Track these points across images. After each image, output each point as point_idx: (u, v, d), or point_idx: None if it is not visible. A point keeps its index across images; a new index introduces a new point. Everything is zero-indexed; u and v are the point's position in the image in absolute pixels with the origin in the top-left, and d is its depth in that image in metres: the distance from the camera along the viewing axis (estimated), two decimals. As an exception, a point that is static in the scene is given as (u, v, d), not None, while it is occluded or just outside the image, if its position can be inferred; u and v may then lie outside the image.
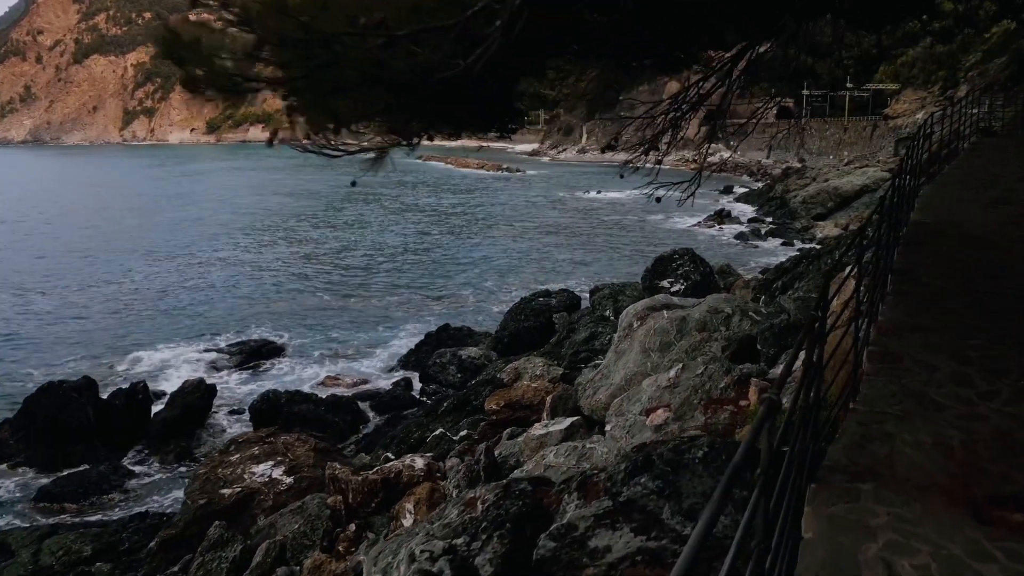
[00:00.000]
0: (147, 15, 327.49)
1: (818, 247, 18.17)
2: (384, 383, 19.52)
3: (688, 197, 6.15)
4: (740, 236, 41.29)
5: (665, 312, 9.15)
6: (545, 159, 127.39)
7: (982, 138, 13.99)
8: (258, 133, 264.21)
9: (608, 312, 16.37)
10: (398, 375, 19.87)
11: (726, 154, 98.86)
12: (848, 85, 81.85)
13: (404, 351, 21.75)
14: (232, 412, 17.75)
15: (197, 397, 16.50)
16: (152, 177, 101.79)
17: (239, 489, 9.72)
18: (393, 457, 10.20)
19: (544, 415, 9.35)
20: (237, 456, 10.48)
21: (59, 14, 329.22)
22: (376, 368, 21.09)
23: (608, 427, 6.89)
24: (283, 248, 40.56)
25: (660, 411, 6.32)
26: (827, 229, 42.21)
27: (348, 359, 22.12)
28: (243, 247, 40.61)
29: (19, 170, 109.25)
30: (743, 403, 6.03)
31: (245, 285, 31.29)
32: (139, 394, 16.23)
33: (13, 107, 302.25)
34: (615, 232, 45.24)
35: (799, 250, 37.49)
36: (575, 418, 8.46)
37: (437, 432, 11.18)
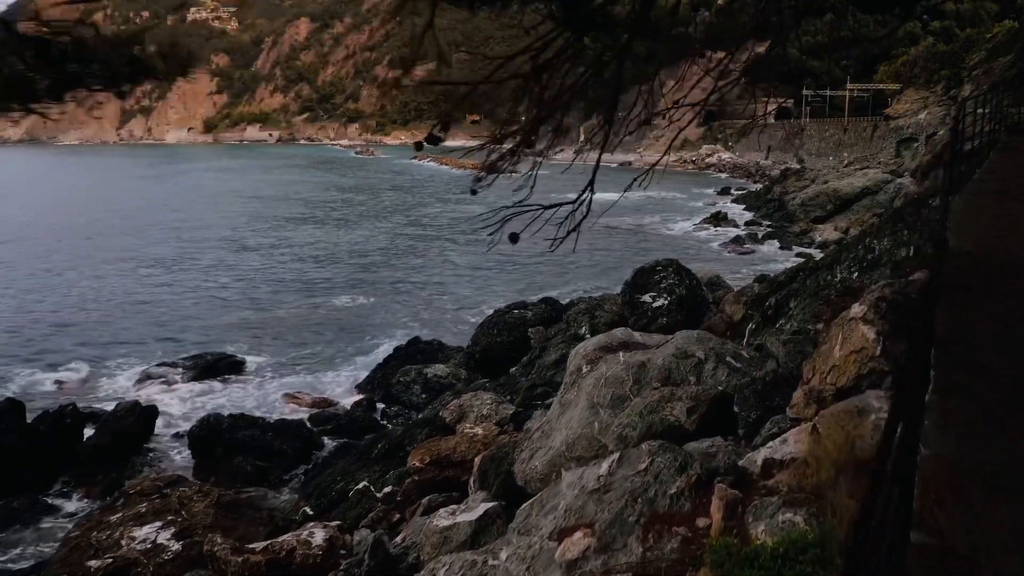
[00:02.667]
0: (145, 14, 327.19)
1: (816, 257, 16.73)
2: (346, 402, 18.06)
3: (629, 189, 4.80)
4: (736, 240, 39.80)
5: (621, 355, 7.51)
6: (542, 159, 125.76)
7: (1011, 136, 12.53)
8: (255, 132, 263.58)
9: (583, 330, 14.89)
10: (360, 394, 18.39)
11: (725, 155, 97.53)
12: (848, 85, 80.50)
13: (373, 366, 20.29)
14: (177, 436, 16.25)
15: (131, 421, 14.99)
16: (142, 177, 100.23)
17: (111, 560, 8.10)
18: (311, 512, 8.76)
19: (471, 483, 7.80)
20: (119, 515, 8.97)
21: (57, 13, 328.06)
22: (340, 385, 19.61)
23: (503, 555, 5.24)
24: (257, 254, 39.02)
25: (578, 535, 4.66)
26: (826, 232, 40.75)
27: (312, 374, 20.65)
28: (217, 252, 39.05)
29: (8, 172, 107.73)
30: (701, 522, 4.47)
31: (213, 293, 29.79)
32: (67, 418, 14.72)
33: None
34: (607, 236, 43.72)
35: (798, 255, 36.09)
36: (491, 505, 6.80)
37: (360, 486, 9.66)
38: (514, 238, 3.38)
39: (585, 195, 3.84)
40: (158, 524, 8.75)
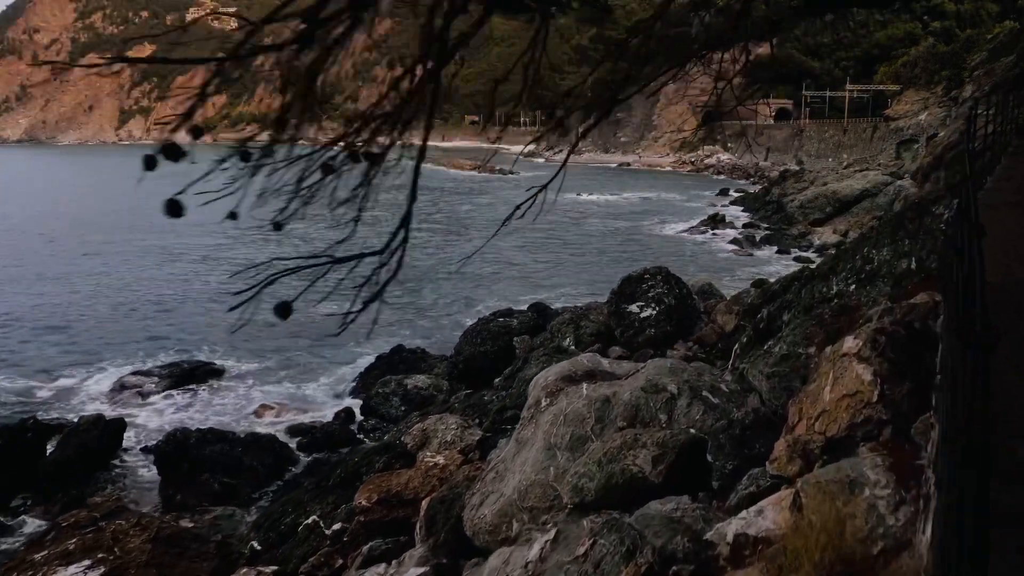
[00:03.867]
0: (144, 13, 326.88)
1: (813, 264, 16.10)
2: (325, 413, 17.40)
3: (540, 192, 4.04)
4: (734, 243, 39.15)
5: (584, 387, 6.76)
6: (540, 160, 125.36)
7: (1022, 140, 11.83)
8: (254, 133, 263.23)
9: (567, 341, 14.21)
10: (340, 404, 17.74)
11: (724, 156, 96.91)
12: (848, 86, 79.93)
13: (355, 374, 19.65)
14: (146, 450, 15.57)
15: (96, 435, 14.33)
16: (133, 178, 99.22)
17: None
18: (259, 548, 8.11)
19: (417, 528, 7.05)
20: (46, 552, 8.31)
21: (56, 13, 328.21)
22: (320, 394, 18.96)
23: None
24: (242, 255, 38.26)
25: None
26: (825, 235, 40.14)
27: (293, 382, 19.99)
28: (202, 253, 38.30)
29: (4, 173, 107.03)
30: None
31: (196, 295, 29.10)
32: (28, 432, 14.06)
33: (8, 106, 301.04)
34: (602, 238, 43.10)
35: (796, 258, 35.45)
36: (422, 571, 6.08)
37: (310, 520, 8.96)
38: (284, 312, 2.29)
39: (397, 241, 2.58)
40: (86, 563, 8.04)
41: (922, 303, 4.73)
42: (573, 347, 13.85)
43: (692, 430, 5.91)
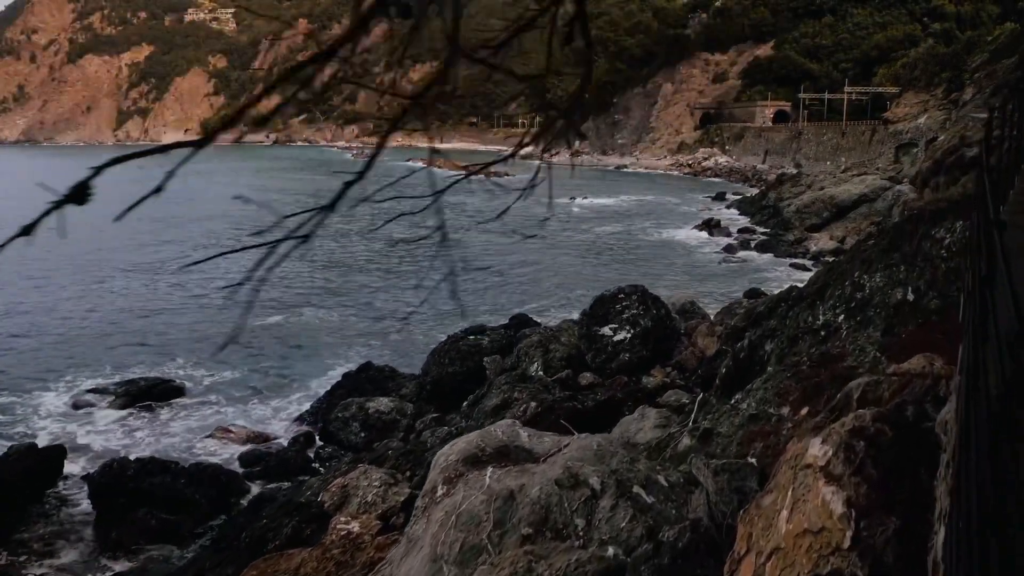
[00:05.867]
0: (142, 14, 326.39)
1: (801, 283, 14.96)
2: (284, 437, 16.36)
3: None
4: (728, 249, 38.11)
5: (489, 475, 5.46)
6: (536, 162, 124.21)
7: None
8: (252, 135, 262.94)
9: (535, 367, 13.13)
10: (301, 427, 16.69)
11: (722, 159, 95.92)
12: (846, 88, 79.00)
13: (321, 392, 18.61)
14: (87, 479, 14.53)
15: (30, 465, 13.28)
16: (122, 180, 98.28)
17: None
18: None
19: None
20: None
21: (54, 13, 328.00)
22: (282, 415, 17.91)
23: None
24: (219, 264, 37.18)
25: None
26: (821, 242, 39.13)
27: (256, 399, 18.95)
28: (175, 262, 37.08)
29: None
30: None
31: (164, 306, 28.05)
32: (-46, 461, 13.01)
33: (6, 107, 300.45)
34: (594, 245, 42.06)
35: (791, 265, 34.42)
36: None
37: None
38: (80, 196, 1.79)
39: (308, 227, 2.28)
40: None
41: (918, 374, 3.68)
42: (541, 372, 12.80)
43: (611, 550, 4.65)
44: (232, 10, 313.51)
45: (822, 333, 8.08)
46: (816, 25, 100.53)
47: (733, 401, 6.34)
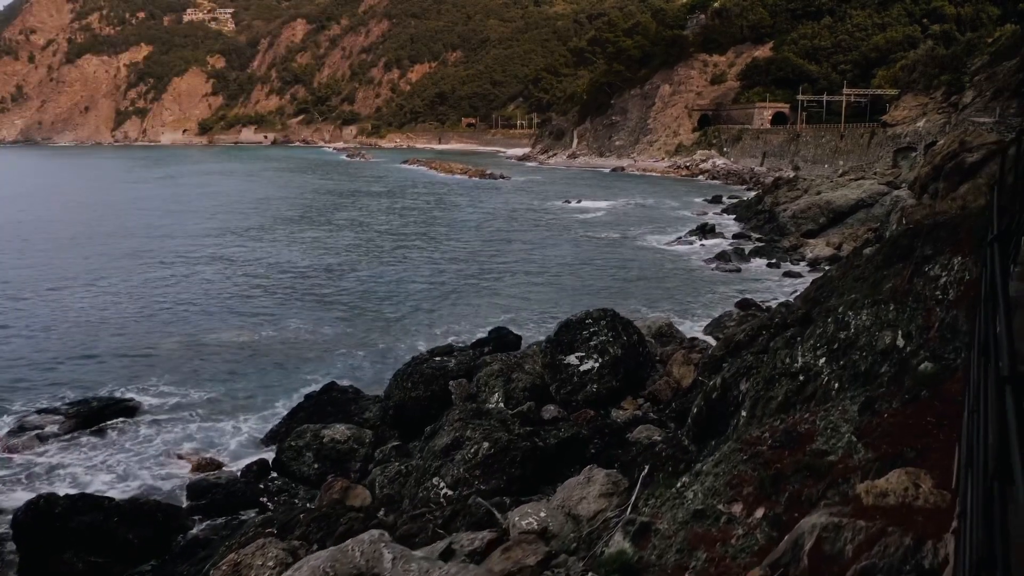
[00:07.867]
0: (140, 15, 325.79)
1: (792, 299, 14.09)
2: (237, 465, 15.33)
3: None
4: (721, 256, 37.04)
5: None
6: (534, 164, 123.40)
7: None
8: (250, 134, 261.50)
9: (495, 398, 12.10)
10: (257, 453, 15.67)
11: (719, 161, 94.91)
12: (845, 90, 78.03)
13: (283, 414, 17.60)
14: (14, 517, 13.49)
15: (-50, 502, 12.27)
16: (118, 182, 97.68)
17: None
18: None
19: None
20: None
21: (52, 13, 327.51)
22: (240, 439, 16.88)
23: None
24: (196, 272, 36.11)
25: None
26: (818, 248, 38.12)
27: (213, 421, 17.90)
28: (151, 271, 35.92)
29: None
30: None
31: (133, 317, 26.93)
32: None
33: (4, 107, 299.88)
34: (585, 251, 41.00)
35: (785, 274, 33.41)
36: None
37: None
38: None
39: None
40: None
41: (895, 513, 2.59)
42: (502, 404, 11.79)
43: None
44: (231, 10, 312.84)
45: (800, 378, 7.08)
46: (815, 26, 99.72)
47: (680, 485, 5.33)
